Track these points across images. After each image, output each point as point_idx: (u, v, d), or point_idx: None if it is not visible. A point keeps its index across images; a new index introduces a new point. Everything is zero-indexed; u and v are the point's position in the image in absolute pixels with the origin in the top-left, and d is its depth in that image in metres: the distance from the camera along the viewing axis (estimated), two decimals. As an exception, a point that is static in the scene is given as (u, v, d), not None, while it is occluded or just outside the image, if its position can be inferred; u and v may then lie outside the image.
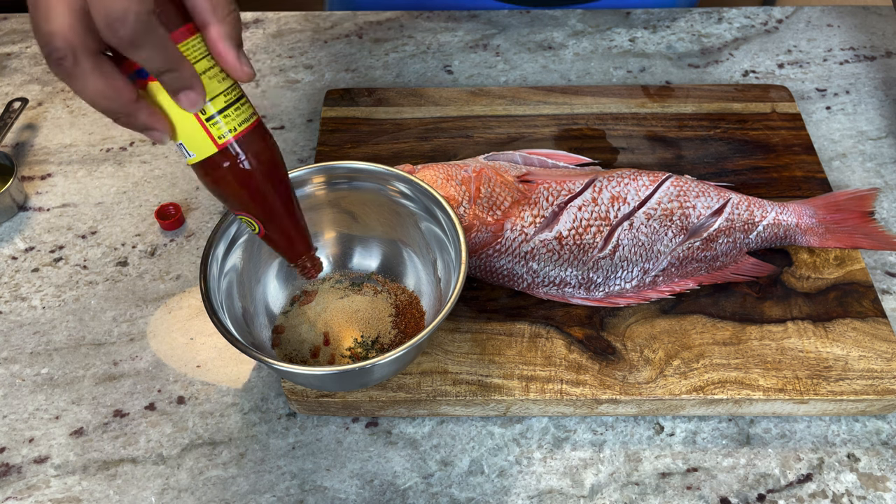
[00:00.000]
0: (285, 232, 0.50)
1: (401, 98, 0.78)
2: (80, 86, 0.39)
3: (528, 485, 0.55)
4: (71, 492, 0.55)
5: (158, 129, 0.42)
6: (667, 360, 0.58)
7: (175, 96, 0.41)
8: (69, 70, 0.38)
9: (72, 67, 0.38)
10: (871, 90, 0.83)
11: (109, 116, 0.41)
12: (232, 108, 0.44)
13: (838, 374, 0.57)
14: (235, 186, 0.46)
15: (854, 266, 0.64)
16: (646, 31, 0.89)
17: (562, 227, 0.61)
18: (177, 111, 0.43)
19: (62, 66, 0.38)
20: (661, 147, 0.73)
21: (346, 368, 0.48)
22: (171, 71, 0.40)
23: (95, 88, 0.39)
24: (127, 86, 0.40)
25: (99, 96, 0.40)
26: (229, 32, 0.42)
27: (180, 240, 0.69)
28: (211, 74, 0.42)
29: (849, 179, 0.74)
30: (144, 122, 0.42)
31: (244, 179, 0.46)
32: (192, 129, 0.43)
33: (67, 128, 0.79)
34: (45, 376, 0.61)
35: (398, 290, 0.61)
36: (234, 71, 0.43)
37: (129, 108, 0.41)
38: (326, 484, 0.55)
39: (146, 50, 0.38)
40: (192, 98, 0.41)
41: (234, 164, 0.45)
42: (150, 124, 0.42)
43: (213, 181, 0.46)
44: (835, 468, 0.56)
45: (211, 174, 0.45)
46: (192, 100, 0.41)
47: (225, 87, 0.43)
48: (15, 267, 0.68)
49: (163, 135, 0.43)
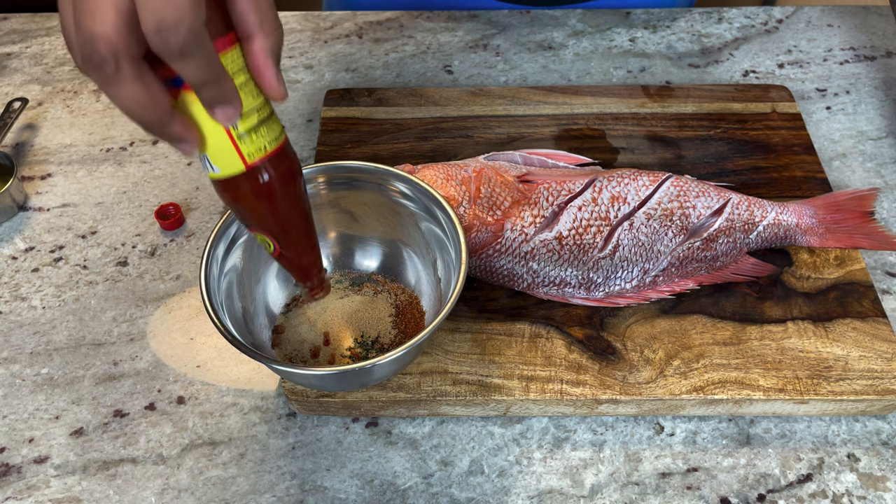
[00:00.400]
0: (300, 252, 0.48)
1: (401, 98, 0.78)
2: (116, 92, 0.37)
3: (528, 485, 0.55)
4: (71, 492, 0.55)
5: (189, 141, 0.40)
6: (667, 360, 0.58)
7: (211, 110, 0.39)
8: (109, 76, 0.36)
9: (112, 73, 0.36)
10: (871, 90, 0.83)
11: (140, 124, 0.39)
12: (264, 125, 0.42)
13: (838, 374, 0.57)
14: (257, 205, 0.44)
15: (854, 266, 0.64)
16: (646, 31, 0.89)
17: (562, 227, 0.61)
18: (208, 124, 0.40)
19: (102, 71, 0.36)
20: (661, 147, 0.73)
21: (346, 368, 0.48)
22: (212, 85, 0.38)
23: (134, 97, 0.37)
24: (164, 95, 0.38)
25: (136, 105, 0.37)
26: (273, 48, 0.40)
27: (180, 240, 0.69)
28: (246, 90, 0.40)
29: (849, 179, 0.74)
30: (177, 133, 0.40)
31: (267, 199, 0.44)
32: (221, 145, 0.41)
33: (67, 128, 0.79)
34: (45, 376, 0.61)
35: (398, 290, 0.61)
36: (271, 89, 0.41)
37: (164, 118, 0.39)
38: (326, 484, 0.55)
39: (192, 61, 0.36)
40: (229, 113, 0.39)
41: (258, 184, 0.43)
42: (182, 136, 0.40)
43: (235, 198, 0.44)
44: (835, 468, 0.56)
45: (233, 191, 0.43)
46: (228, 115, 0.39)
47: (258, 103, 0.41)
48: (15, 267, 0.68)
49: (192, 146, 0.41)
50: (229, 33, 0.39)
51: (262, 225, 0.46)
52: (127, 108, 0.38)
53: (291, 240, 0.47)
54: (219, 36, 0.38)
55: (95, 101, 0.81)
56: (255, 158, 0.42)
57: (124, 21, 0.35)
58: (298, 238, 0.48)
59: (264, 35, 0.39)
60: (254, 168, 0.42)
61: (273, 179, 0.43)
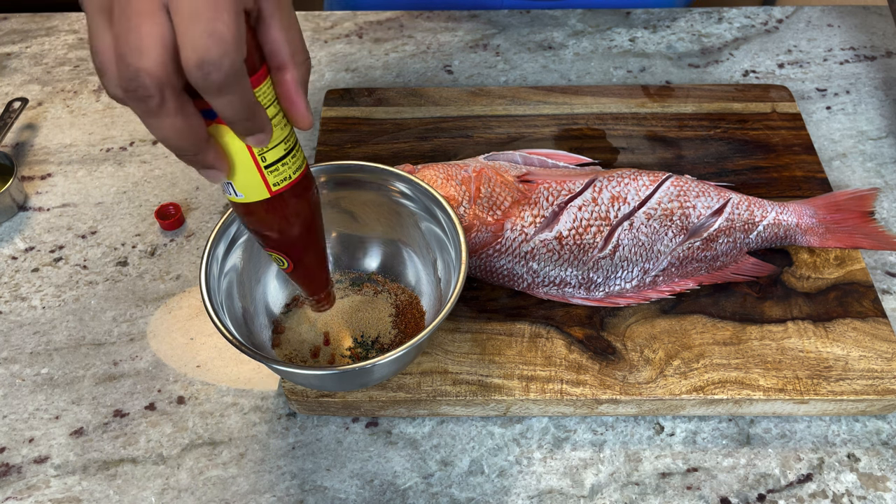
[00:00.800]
0: (313, 271, 0.50)
1: (401, 98, 0.77)
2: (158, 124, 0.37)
3: (528, 485, 0.55)
4: (71, 492, 0.55)
5: (220, 170, 0.41)
6: (667, 360, 0.58)
7: (243, 138, 0.40)
8: (153, 109, 0.36)
9: (156, 107, 0.36)
10: (871, 90, 0.83)
11: (175, 152, 0.39)
12: (289, 155, 0.43)
13: (838, 374, 0.57)
14: (277, 229, 0.46)
15: (854, 266, 0.64)
16: (646, 31, 0.89)
17: (562, 227, 0.61)
18: (238, 154, 0.41)
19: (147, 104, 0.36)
20: (661, 147, 0.73)
21: (346, 368, 0.48)
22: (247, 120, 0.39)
23: (174, 128, 0.37)
24: (203, 126, 0.39)
25: (176, 135, 0.38)
26: (303, 78, 0.41)
27: (180, 240, 0.69)
28: (276, 122, 0.41)
29: (849, 179, 0.74)
30: (209, 162, 0.40)
31: (287, 224, 0.45)
32: (248, 174, 0.42)
33: (67, 128, 0.79)
34: (45, 376, 0.61)
35: (398, 290, 0.61)
36: (301, 118, 0.42)
37: (200, 147, 0.39)
38: (326, 484, 0.55)
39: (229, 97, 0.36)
40: (261, 139, 0.40)
41: (281, 211, 0.44)
42: (214, 164, 0.40)
43: (256, 223, 0.45)
44: (835, 468, 0.56)
45: (255, 216, 0.45)
46: (260, 140, 0.40)
47: (285, 134, 0.42)
48: (15, 267, 0.68)
49: (222, 175, 0.41)
50: (262, 67, 0.40)
51: (279, 246, 0.47)
52: (166, 138, 0.38)
53: (306, 259, 0.49)
54: (253, 71, 0.39)
55: (95, 101, 0.81)
56: (280, 187, 0.43)
57: (170, 56, 0.35)
58: (312, 257, 0.49)
59: (295, 66, 0.40)
60: (277, 196, 0.44)
61: (294, 206, 0.45)
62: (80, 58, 0.86)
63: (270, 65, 0.40)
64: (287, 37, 0.39)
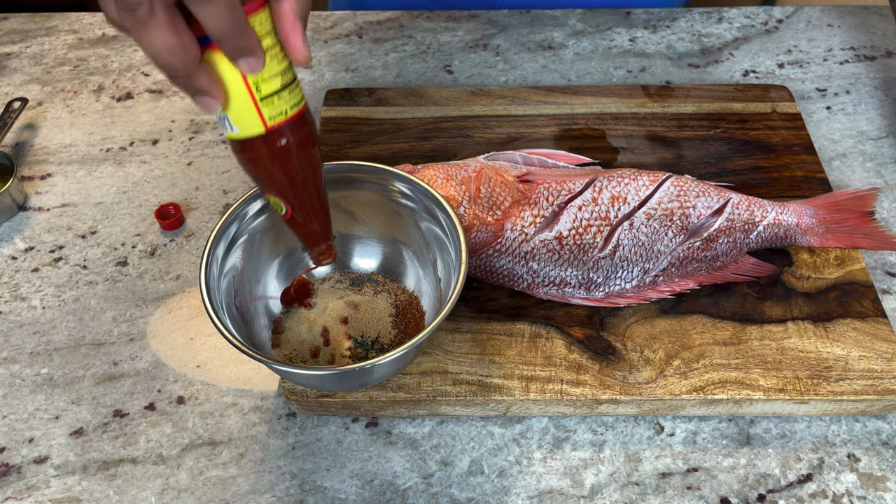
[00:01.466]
0: (312, 217, 0.49)
1: (401, 98, 0.78)
2: (148, 37, 0.37)
3: (528, 485, 0.55)
4: (71, 492, 0.55)
5: (213, 96, 0.41)
6: (667, 360, 0.58)
7: (234, 60, 0.40)
8: (142, 19, 0.37)
9: (146, 16, 0.37)
10: (871, 90, 0.83)
11: (168, 73, 0.39)
12: (287, 90, 0.43)
13: (838, 374, 0.57)
14: (273, 168, 0.45)
15: (854, 266, 0.64)
16: (646, 31, 0.89)
17: (562, 227, 0.61)
18: (233, 85, 0.41)
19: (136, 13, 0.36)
20: (661, 147, 0.73)
21: (346, 369, 0.48)
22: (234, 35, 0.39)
23: (164, 42, 0.38)
24: (194, 44, 0.39)
25: (166, 50, 0.38)
26: (302, 9, 0.41)
27: (180, 240, 0.69)
28: (272, 54, 0.41)
29: (849, 179, 0.74)
30: (202, 86, 0.40)
31: (284, 163, 0.45)
32: (243, 105, 0.42)
33: (67, 128, 0.79)
34: (45, 376, 0.61)
35: (398, 290, 0.61)
36: (296, 50, 0.42)
37: (192, 68, 0.39)
38: (326, 484, 0.55)
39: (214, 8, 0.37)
40: (252, 63, 0.40)
41: (276, 147, 0.44)
42: (206, 89, 0.41)
43: (251, 159, 0.45)
44: (835, 468, 0.56)
45: (250, 152, 0.44)
46: (251, 65, 0.40)
47: (282, 67, 0.42)
48: (15, 267, 0.68)
49: (216, 102, 0.41)
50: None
51: (276, 188, 0.47)
52: (156, 52, 0.38)
53: (304, 204, 0.48)
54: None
55: (95, 101, 0.81)
56: (275, 122, 0.43)
57: None
58: (311, 203, 0.48)
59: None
60: (273, 131, 0.43)
61: (291, 143, 0.44)
62: (80, 58, 0.86)
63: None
64: None
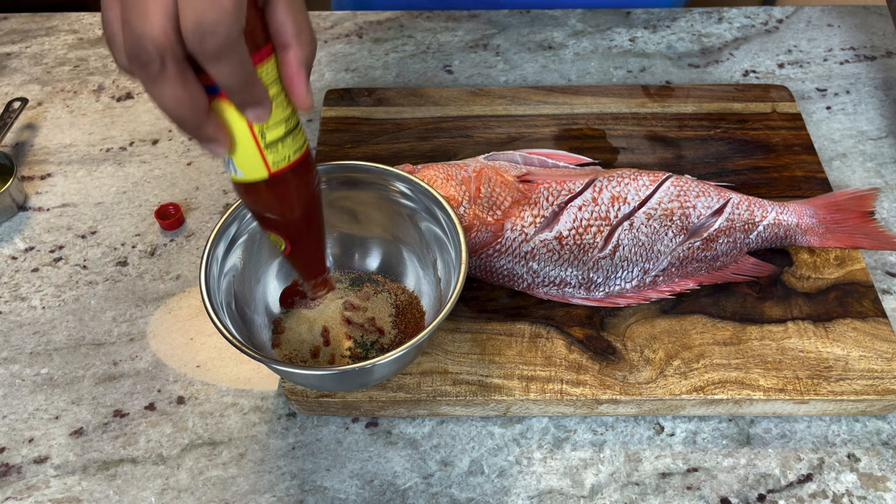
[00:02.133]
0: (310, 254, 0.50)
1: (401, 98, 0.77)
2: (159, 91, 0.38)
3: (528, 485, 0.55)
4: (71, 492, 0.55)
5: (220, 143, 0.42)
6: (667, 360, 0.58)
7: (242, 110, 0.41)
8: (154, 75, 0.37)
9: (157, 73, 0.37)
10: (871, 90, 0.83)
11: (177, 123, 0.40)
12: (290, 135, 0.44)
13: (838, 374, 0.57)
14: (276, 209, 0.46)
15: (854, 266, 0.64)
16: (646, 31, 0.89)
17: (562, 227, 0.61)
18: (239, 131, 0.42)
19: (147, 70, 0.37)
20: (661, 147, 0.73)
21: (346, 368, 0.48)
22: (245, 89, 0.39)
23: (175, 96, 0.38)
24: (203, 96, 0.39)
25: (176, 103, 0.39)
26: (307, 59, 0.41)
27: (180, 240, 0.69)
28: (277, 101, 0.42)
29: (849, 179, 0.74)
30: (210, 134, 0.41)
31: (286, 204, 0.46)
32: (248, 152, 0.43)
33: (67, 128, 0.79)
34: (45, 376, 0.61)
35: (398, 290, 0.61)
36: (300, 98, 0.42)
37: (201, 119, 0.40)
38: (326, 484, 0.55)
39: (226, 66, 0.37)
40: (259, 113, 0.41)
41: (279, 191, 0.45)
42: (214, 137, 0.41)
43: (255, 201, 0.46)
44: (835, 468, 0.56)
45: (254, 195, 0.45)
46: (258, 114, 0.41)
47: (286, 114, 0.43)
48: (15, 267, 0.68)
49: (222, 149, 0.42)
50: (266, 45, 0.40)
51: (278, 227, 0.47)
52: (167, 106, 0.39)
53: (303, 242, 0.49)
54: (256, 48, 0.40)
55: (95, 101, 0.81)
56: (279, 167, 0.44)
57: (172, 23, 0.36)
58: (310, 240, 0.49)
59: (300, 46, 0.41)
60: (276, 176, 0.44)
61: (293, 187, 0.45)
62: (80, 58, 0.86)
63: (275, 44, 0.41)
64: (292, 17, 0.40)
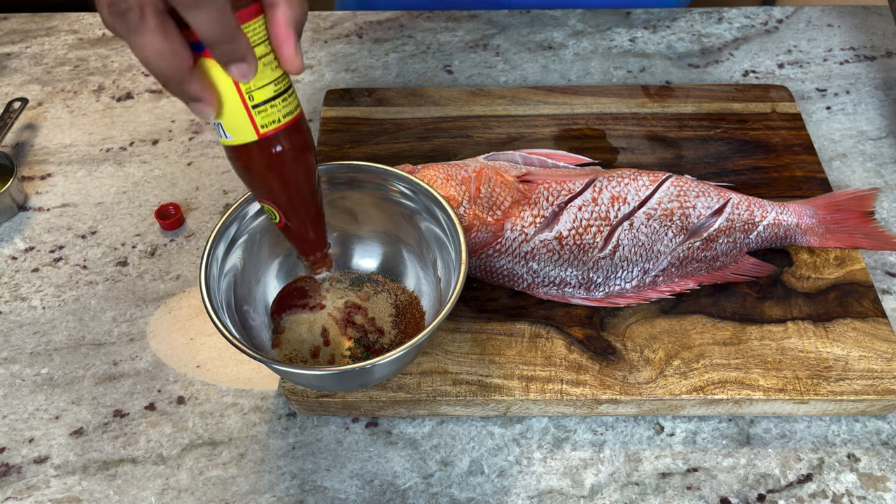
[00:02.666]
0: (306, 226, 0.49)
1: (401, 98, 0.78)
2: (139, 43, 0.38)
3: (528, 485, 0.55)
4: (71, 492, 0.55)
5: (206, 103, 0.41)
6: (667, 360, 0.58)
7: (225, 66, 0.40)
8: (133, 25, 0.37)
9: (136, 22, 0.37)
10: (871, 90, 0.83)
11: (161, 79, 0.40)
12: (280, 98, 0.43)
13: (838, 375, 0.57)
14: (266, 176, 0.45)
15: (854, 266, 0.64)
16: (646, 31, 0.89)
17: (562, 227, 0.61)
18: (226, 92, 0.42)
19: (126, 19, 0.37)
20: (661, 147, 0.73)
21: (346, 368, 0.48)
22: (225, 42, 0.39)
23: (155, 47, 0.38)
24: (186, 50, 0.39)
25: (157, 56, 0.38)
26: (296, 18, 0.41)
27: (180, 240, 0.69)
28: (265, 62, 0.41)
29: (849, 179, 0.74)
30: (194, 92, 0.41)
31: (276, 170, 0.45)
32: (236, 113, 0.42)
33: (67, 128, 0.79)
34: (45, 376, 0.61)
35: (398, 290, 0.61)
36: (289, 59, 0.42)
37: (184, 73, 0.40)
38: (326, 484, 0.55)
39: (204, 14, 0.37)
40: (243, 69, 0.40)
41: (269, 155, 0.44)
42: (199, 95, 0.41)
43: (245, 167, 0.45)
44: (835, 468, 0.56)
45: (244, 160, 0.45)
46: (242, 71, 0.40)
47: (276, 76, 0.43)
48: (15, 267, 0.68)
49: (209, 109, 0.42)
50: (254, 3, 0.40)
51: (270, 195, 0.47)
52: (147, 58, 0.39)
53: (298, 213, 0.48)
54: (243, 4, 0.39)
55: (95, 101, 0.81)
56: (268, 129, 0.43)
57: None
58: (305, 211, 0.48)
59: (289, 6, 0.40)
60: (265, 139, 0.44)
61: (284, 152, 0.44)
62: (80, 58, 0.86)
63: (263, 2, 0.40)
64: None
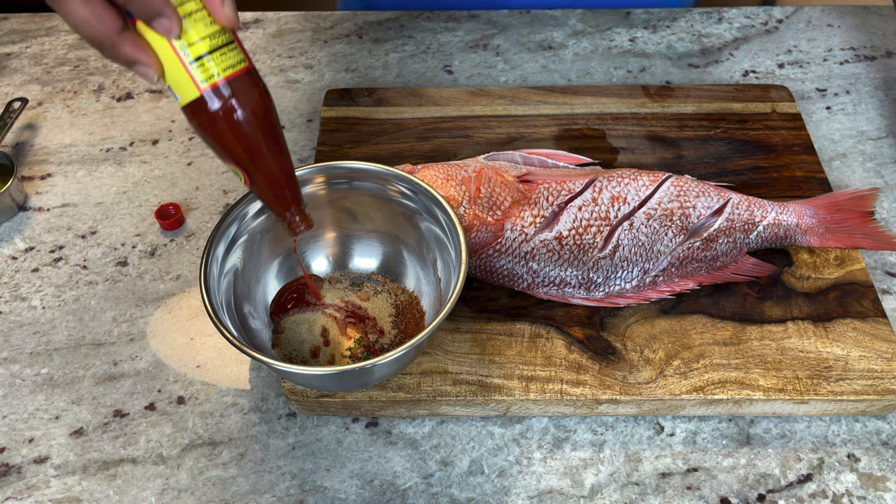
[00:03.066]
0: (271, 183, 0.48)
1: (401, 98, 0.77)
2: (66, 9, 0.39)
3: (528, 485, 0.55)
4: (71, 492, 0.55)
5: (144, 63, 0.42)
6: (667, 360, 0.58)
7: (149, 24, 0.41)
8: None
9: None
10: (871, 90, 0.83)
11: (93, 45, 0.41)
12: (217, 52, 0.43)
13: (838, 375, 0.57)
14: (218, 132, 0.45)
15: (854, 266, 0.64)
16: (646, 31, 0.89)
17: (562, 227, 0.61)
18: (162, 52, 0.43)
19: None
20: (661, 147, 0.73)
21: (346, 368, 0.48)
22: None
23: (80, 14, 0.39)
24: (112, 15, 0.40)
25: (83, 22, 0.40)
26: None
27: (180, 240, 0.69)
28: (198, 17, 0.42)
29: (849, 179, 0.74)
30: (129, 54, 0.42)
31: (227, 126, 0.45)
32: (176, 71, 0.43)
33: (67, 128, 0.79)
34: (45, 376, 0.61)
35: (398, 290, 0.61)
36: (216, 11, 0.43)
37: (113, 37, 0.41)
38: (326, 484, 0.55)
39: None
40: (166, 25, 0.41)
41: (217, 109, 0.44)
42: (134, 56, 0.42)
43: (198, 125, 0.45)
44: (835, 468, 0.56)
45: (196, 119, 0.45)
46: (165, 27, 0.41)
47: (211, 31, 0.43)
48: (15, 267, 0.68)
49: (149, 69, 0.42)
50: None
51: (228, 153, 0.46)
52: (76, 25, 0.40)
53: (260, 170, 0.47)
54: None
55: (95, 101, 0.81)
56: (207, 84, 0.44)
57: None
58: (267, 168, 0.48)
59: None
60: (207, 92, 0.44)
61: (230, 107, 0.45)
62: (80, 58, 0.86)
63: None
64: None
